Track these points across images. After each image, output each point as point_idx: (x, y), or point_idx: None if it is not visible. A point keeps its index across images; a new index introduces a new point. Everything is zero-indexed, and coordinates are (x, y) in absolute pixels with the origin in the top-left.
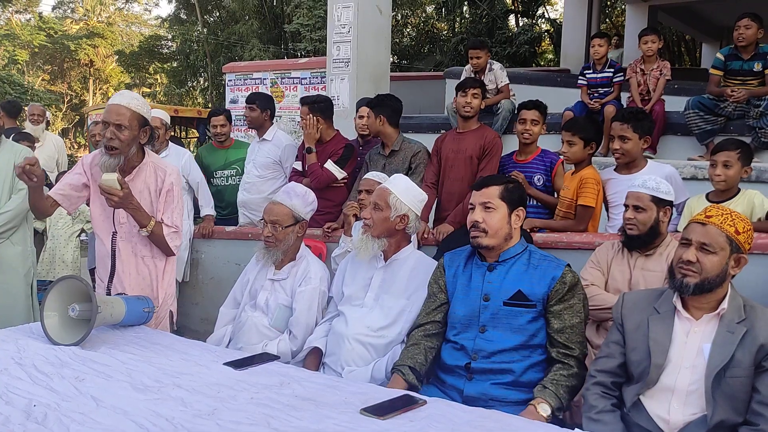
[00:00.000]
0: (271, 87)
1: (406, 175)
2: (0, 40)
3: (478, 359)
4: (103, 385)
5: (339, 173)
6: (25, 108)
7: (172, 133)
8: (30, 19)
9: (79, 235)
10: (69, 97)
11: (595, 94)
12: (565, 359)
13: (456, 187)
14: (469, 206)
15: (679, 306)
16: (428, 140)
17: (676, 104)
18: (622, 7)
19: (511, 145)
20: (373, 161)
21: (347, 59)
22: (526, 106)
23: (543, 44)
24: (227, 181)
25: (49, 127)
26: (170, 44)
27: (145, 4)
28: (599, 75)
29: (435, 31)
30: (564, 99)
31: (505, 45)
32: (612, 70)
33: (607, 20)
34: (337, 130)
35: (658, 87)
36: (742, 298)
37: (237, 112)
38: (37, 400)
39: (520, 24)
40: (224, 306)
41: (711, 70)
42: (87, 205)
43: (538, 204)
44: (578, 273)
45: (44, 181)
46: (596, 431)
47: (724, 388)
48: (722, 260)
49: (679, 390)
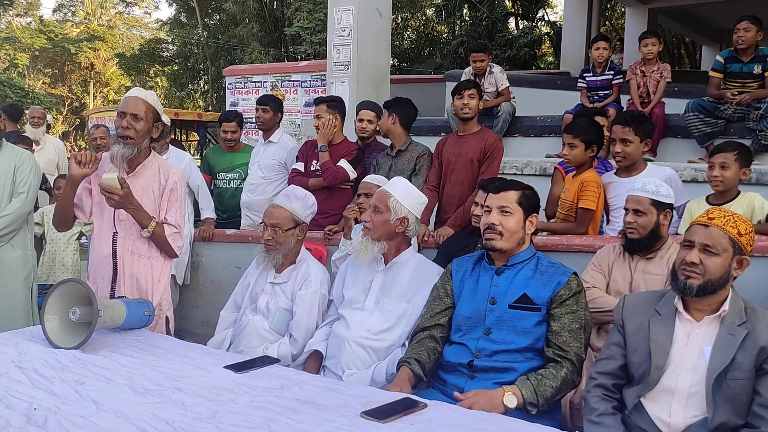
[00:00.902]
0: (271, 90)
1: (410, 175)
2: (1, 43)
3: (481, 357)
4: (103, 388)
5: (352, 173)
6: (26, 111)
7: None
8: (31, 22)
9: (78, 238)
10: (69, 100)
11: (595, 97)
12: (559, 359)
13: (456, 190)
14: (485, 208)
15: (680, 308)
16: (429, 143)
17: (676, 107)
18: (622, 9)
19: (511, 147)
20: (380, 164)
21: (347, 62)
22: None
23: (543, 47)
24: (229, 184)
25: (49, 130)
26: (171, 47)
27: (146, 7)
28: (599, 78)
29: (435, 34)
30: (564, 101)
31: (505, 48)
32: (612, 72)
33: (606, 23)
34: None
35: (659, 89)
36: (743, 301)
37: None
38: (38, 404)
39: (520, 27)
40: (225, 309)
41: (711, 73)
42: None
43: None
44: (579, 275)
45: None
46: None
47: (725, 391)
48: (725, 262)
49: (679, 392)
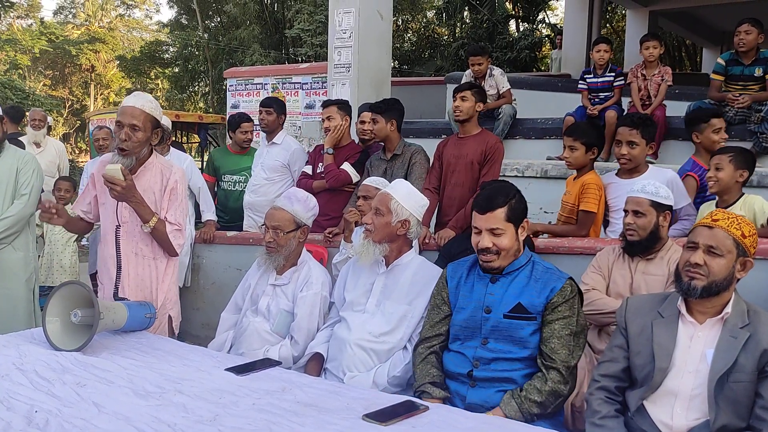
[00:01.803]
0: (272, 92)
1: (406, 175)
2: (2, 45)
3: (480, 366)
4: (104, 390)
5: (355, 176)
6: (27, 113)
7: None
8: (31, 24)
9: (77, 240)
10: (70, 102)
11: (596, 99)
12: (545, 370)
13: (457, 192)
14: (474, 229)
15: (683, 310)
16: (429, 145)
17: (677, 109)
18: (623, 12)
19: (512, 150)
20: (374, 166)
21: (348, 64)
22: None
23: (543, 49)
24: (234, 186)
25: (50, 132)
26: (171, 49)
27: (147, 9)
28: (600, 79)
29: (435, 36)
30: (565, 104)
31: (506, 50)
32: (612, 74)
33: (607, 25)
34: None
35: (660, 92)
36: (746, 303)
37: None
38: (39, 406)
39: (521, 29)
40: (225, 311)
41: (712, 75)
42: None
43: None
44: (579, 277)
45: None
46: None
47: (727, 393)
48: (729, 263)
49: (682, 395)
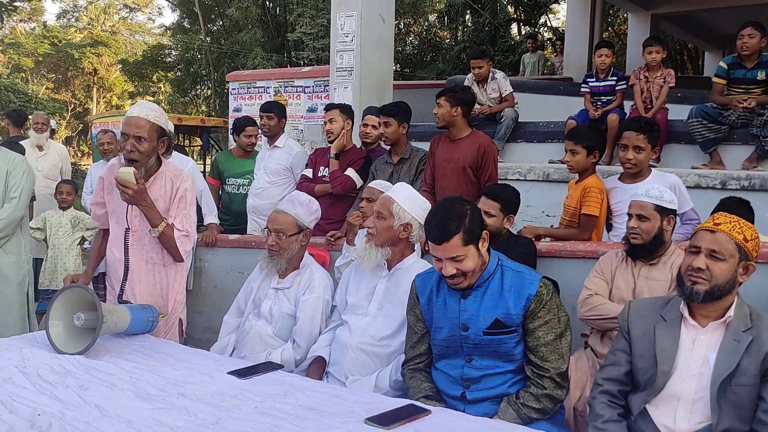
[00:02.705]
0: (274, 95)
1: (412, 181)
2: (5, 48)
3: (470, 387)
4: (107, 394)
5: (359, 181)
6: (30, 116)
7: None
8: (34, 27)
9: (80, 243)
10: (73, 106)
11: (598, 102)
12: (539, 379)
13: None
14: (434, 257)
15: (685, 313)
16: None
17: (679, 112)
18: (625, 15)
19: (514, 153)
20: (379, 170)
21: (350, 68)
22: None
23: (545, 52)
24: (238, 190)
25: (53, 136)
26: (173, 53)
27: (149, 13)
28: (602, 83)
29: (437, 39)
30: (567, 107)
31: (508, 53)
32: (615, 78)
33: (609, 29)
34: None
35: (661, 95)
36: (749, 307)
37: None
38: (42, 409)
39: (523, 32)
40: (228, 315)
41: (714, 79)
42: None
43: None
44: (582, 281)
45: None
46: None
47: (730, 397)
48: (731, 267)
49: (684, 398)
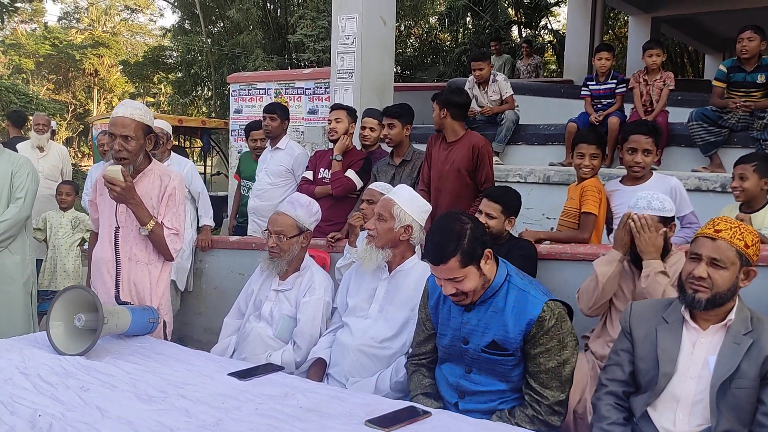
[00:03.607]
0: (275, 97)
1: (414, 184)
2: (6, 49)
3: (464, 398)
4: (107, 395)
5: (359, 183)
6: (30, 117)
7: (175, 143)
8: (35, 28)
9: (80, 244)
10: (73, 107)
11: (599, 105)
12: (536, 404)
13: (444, 200)
14: (436, 278)
15: (687, 316)
16: None
17: (679, 115)
18: (625, 18)
19: (515, 155)
20: (381, 172)
21: (351, 70)
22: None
23: (546, 55)
24: (248, 192)
25: (54, 137)
26: (174, 54)
27: (150, 14)
28: (602, 86)
29: (438, 41)
30: (567, 110)
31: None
32: (615, 81)
33: (610, 31)
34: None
35: (662, 98)
36: (749, 310)
37: (240, 122)
38: (42, 410)
39: (523, 35)
40: (228, 316)
41: (714, 82)
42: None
43: None
44: (582, 284)
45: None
46: None
47: (729, 399)
48: (732, 275)
49: (684, 400)
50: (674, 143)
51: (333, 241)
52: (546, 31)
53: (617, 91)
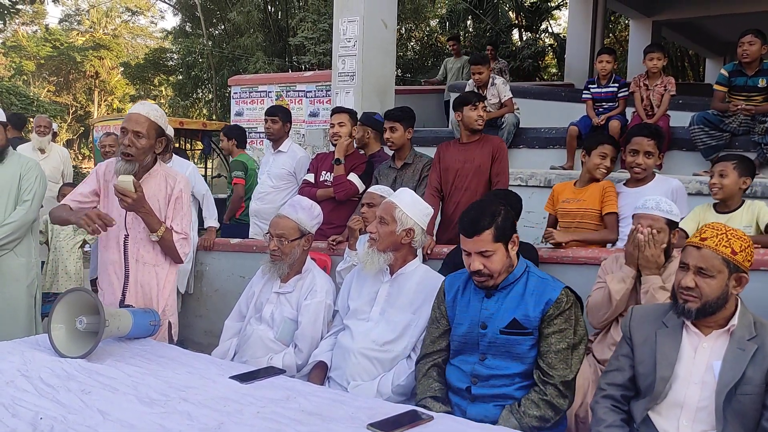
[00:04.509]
0: (276, 100)
1: (416, 187)
2: (7, 51)
3: (477, 383)
4: (109, 398)
5: (361, 186)
6: (31, 119)
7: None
8: (36, 30)
9: (81, 246)
10: (74, 109)
11: (600, 109)
12: (542, 385)
13: (465, 197)
14: (464, 251)
15: (687, 321)
16: (432, 154)
17: (680, 119)
18: (626, 22)
19: (516, 159)
20: (383, 175)
21: (352, 72)
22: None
23: (546, 58)
24: None
25: (55, 139)
26: (175, 57)
27: (151, 16)
28: (603, 90)
29: (439, 44)
30: (568, 113)
31: (509, 59)
32: (616, 85)
33: (610, 35)
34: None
35: (663, 103)
36: (752, 315)
37: (241, 125)
38: (44, 413)
39: (524, 38)
40: (229, 319)
41: (715, 86)
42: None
43: None
44: (584, 287)
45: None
46: None
47: (735, 406)
48: (721, 282)
49: (688, 406)
50: (675, 147)
51: (334, 244)
52: (547, 35)
53: (619, 94)
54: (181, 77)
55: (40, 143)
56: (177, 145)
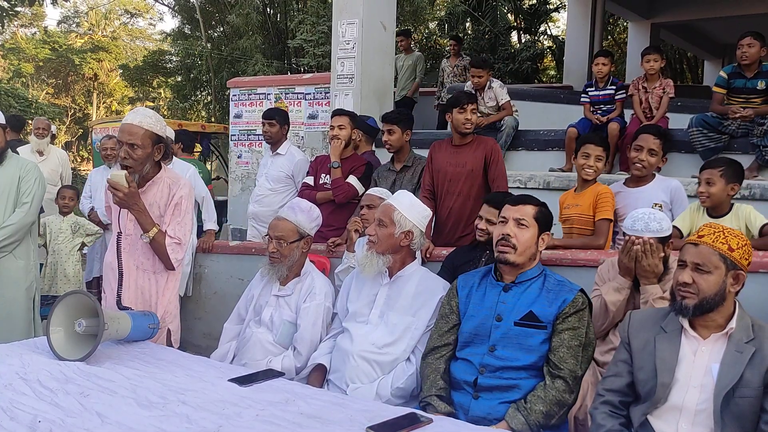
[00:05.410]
0: (275, 102)
1: (415, 189)
2: (5, 53)
3: (485, 373)
4: (108, 401)
5: (361, 189)
6: (30, 121)
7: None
8: (35, 33)
9: (80, 249)
10: (73, 111)
11: (598, 111)
12: (551, 378)
13: (457, 202)
14: (501, 219)
15: (686, 325)
16: None
17: (679, 122)
18: (625, 24)
19: (515, 161)
20: (382, 177)
21: (351, 75)
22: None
23: (545, 61)
24: None
25: (54, 141)
26: (174, 59)
27: (150, 18)
28: (601, 92)
29: (437, 47)
30: (567, 115)
31: (508, 61)
32: (614, 87)
33: (609, 37)
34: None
35: (662, 105)
36: (750, 318)
37: (240, 127)
38: (42, 416)
39: (523, 40)
40: (228, 322)
41: (714, 89)
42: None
43: None
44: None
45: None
46: None
47: (733, 408)
48: (718, 279)
49: (687, 409)
50: (674, 149)
51: (333, 246)
52: (546, 37)
53: (617, 97)
54: (179, 79)
55: (39, 145)
56: (181, 146)
